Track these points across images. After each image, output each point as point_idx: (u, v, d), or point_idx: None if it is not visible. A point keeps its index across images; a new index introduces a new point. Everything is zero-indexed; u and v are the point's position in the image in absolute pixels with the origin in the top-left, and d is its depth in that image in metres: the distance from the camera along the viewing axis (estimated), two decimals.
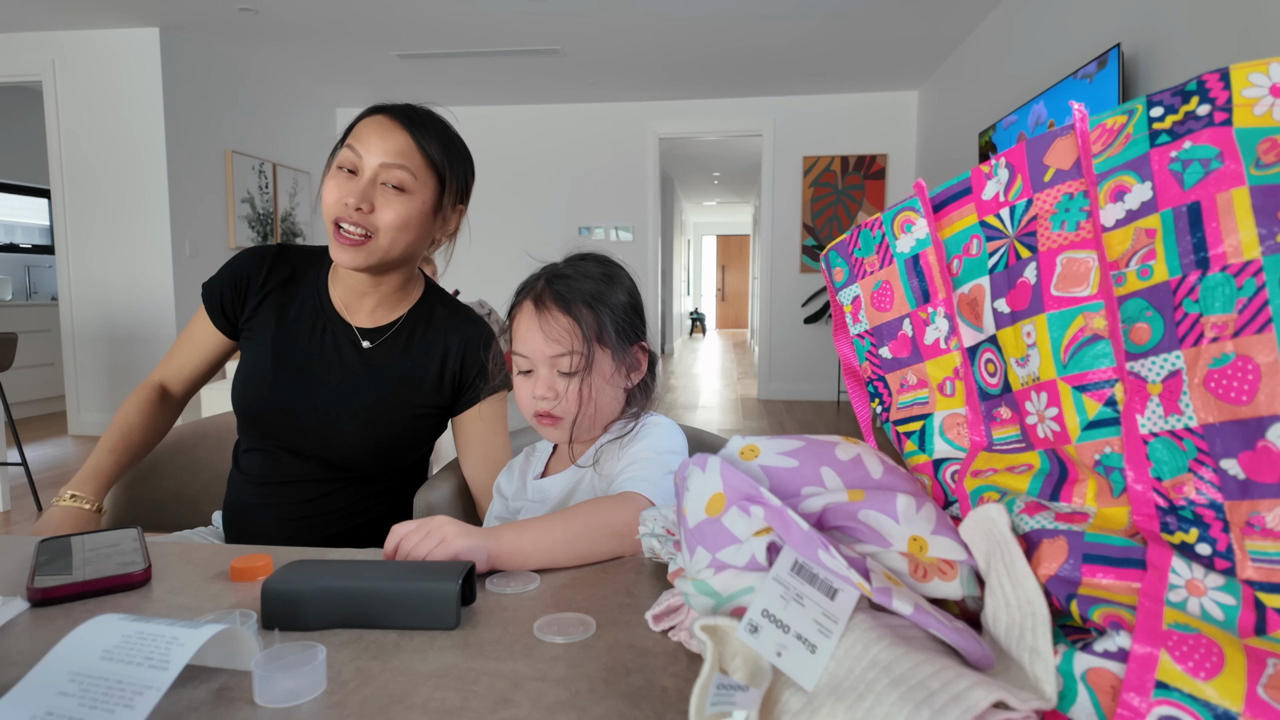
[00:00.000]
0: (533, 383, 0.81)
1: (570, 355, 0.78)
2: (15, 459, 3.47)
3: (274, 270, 1.01)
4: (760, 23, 4.01)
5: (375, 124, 0.91)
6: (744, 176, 9.33)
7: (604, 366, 0.80)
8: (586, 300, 0.80)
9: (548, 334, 0.79)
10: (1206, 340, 0.34)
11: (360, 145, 0.89)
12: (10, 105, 5.50)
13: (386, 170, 0.89)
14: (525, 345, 0.81)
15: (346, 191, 0.89)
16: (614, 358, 0.81)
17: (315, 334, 0.99)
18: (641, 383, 0.86)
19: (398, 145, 0.90)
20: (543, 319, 0.79)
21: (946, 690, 0.30)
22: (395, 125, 0.91)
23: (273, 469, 0.97)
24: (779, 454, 0.47)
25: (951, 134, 4.55)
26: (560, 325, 0.79)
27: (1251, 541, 0.32)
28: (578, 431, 0.82)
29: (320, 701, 0.40)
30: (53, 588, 0.54)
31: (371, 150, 0.89)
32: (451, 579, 0.49)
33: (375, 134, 0.90)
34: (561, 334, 0.78)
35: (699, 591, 0.41)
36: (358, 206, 0.88)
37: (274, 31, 4.16)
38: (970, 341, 0.46)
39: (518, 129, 5.79)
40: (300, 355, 0.98)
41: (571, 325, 0.78)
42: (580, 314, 0.79)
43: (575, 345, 0.78)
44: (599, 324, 0.79)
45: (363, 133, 0.91)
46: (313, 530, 0.97)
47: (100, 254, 4.27)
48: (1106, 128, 0.38)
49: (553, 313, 0.79)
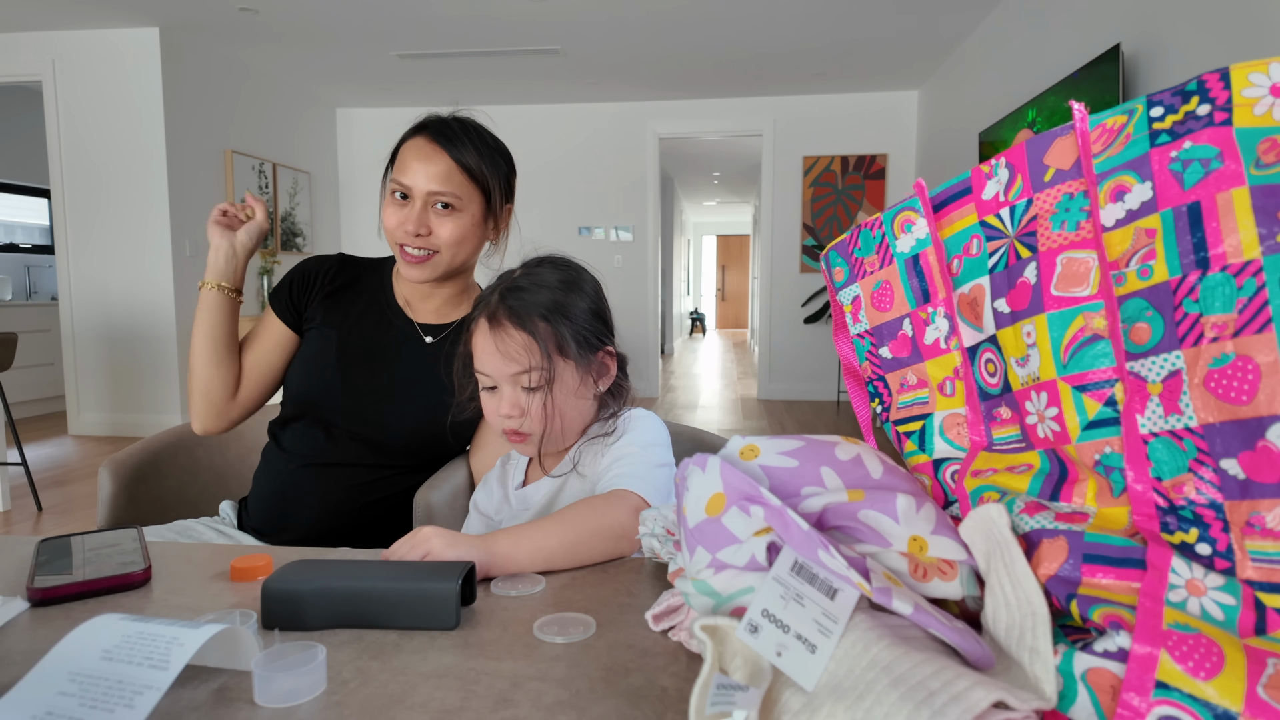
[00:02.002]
0: (497, 400, 0.79)
1: (529, 372, 0.76)
2: (15, 459, 3.47)
3: (339, 273, 1.08)
4: (760, 22, 4.01)
5: (416, 149, 0.97)
6: (744, 176, 9.33)
7: (568, 379, 0.78)
8: (543, 313, 0.77)
9: (504, 353, 0.76)
10: (1206, 340, 0.34)
11: (406, 175, 0.96)
12: (10, 105, 5.50)
13: (434, 195, 0.96)
14: (484, 364, 0.79)
15: (404, 218, 0.96)
16: (578, 369, 0.79)
17: (381, 326, 1.05)
18: (614, 385, 0.85)
19: (439, 169, 0.96)
20: (498, 337, 0.77)
21: (946, 690, 0.30)
22: (435, 148, 0.96)
23: (325, 449, 1.00)
24: (779, 454, 0.47)
25: (951, 134, 4.55)
26: (516, 343, 0.76)
27: (1251, 541, 0.32)
28: (547, 445, 0.80)
29: (320, 701, 0.40)
30: (53, 588, 0.54)
31: (416, 178, 0.95)
32: (451, 579, 0.49)
33: (418, 160, 0.96)
34: (518, 351, 0.76)
35: (699, 591, 0.41)
36: (416, 233, 0.96)
37: (274, 31, 4.16)
38: (970, 341, 0.46)
39: (518, 129, 5.79)
40: (366, 343, 1.04)
41: (528, 341, 0.76)
42: (536, 328, 0.76)
43: (534, 361, 0.76)
44: (558, 337, 0.77)
45: (406, 160, 0.97)
46: (352, 517, 1.00)
47: (100, 254, 4.27)
48: (1106, 128, 0.38)
49: (507, 330, 0.77)
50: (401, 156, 0.98)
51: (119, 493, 1.06)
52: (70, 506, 2.98)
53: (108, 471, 1.01)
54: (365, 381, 1.02)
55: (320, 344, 1.04)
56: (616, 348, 0.85)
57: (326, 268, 1.08)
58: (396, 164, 0.98)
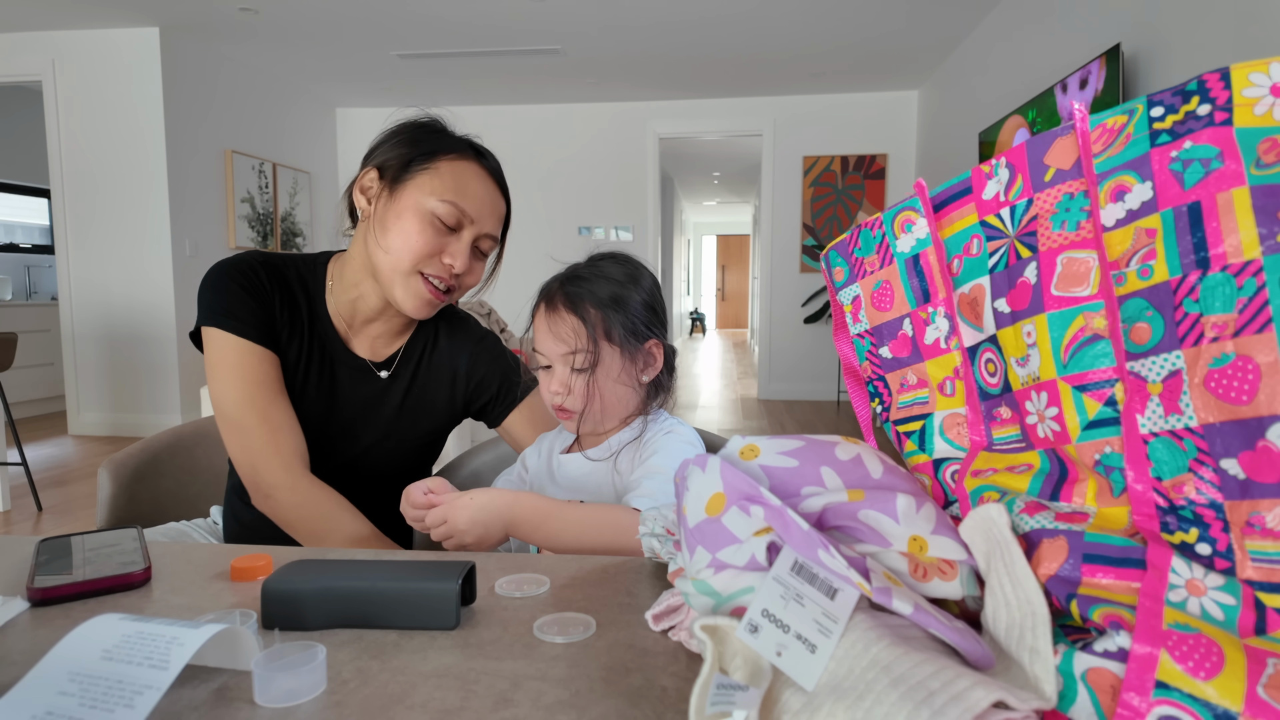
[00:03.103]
0: (549, 378, 0.84)
1: (576, 354, 0.81)
2: (15, 459, 3.47)
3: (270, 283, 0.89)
4: (760, 23, 4.01)
5: (483, 183, 0.88)
6: (744, 176, 9.33)
7: (611, 364, 0.83)
8: (596, 301, 0.82)
9: (555, 333, 0.82)
10: (1207, 340, 0.34)
11: (470, 206, 0.86)
12: (10, 105, 5.50)
13: (485, 240, 0.89)
14: (540, 343, 0.85)
15: (450, 251, 0.86)
16: (623, 355, 0.83)
17: (325, 371, 0.92)
18: (657, 379, 0.88)
19: (500, 212, 0.90)
20: (551, 319, 0.83)
21: (946, 690, 0.30)
22: (497, 189, 0.90)
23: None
24: (779, 454, 0.47)
25: (951, 134, 4.55)
26: (566, 325, 0.82)
27: (1251, 541, 0.32)
28: (586, 424, 0.85)
29: (320, 701, 0.40)
30: (53, 588, 0.54)
31: (482, 216, 0.87)
32: (451, 579, 0.49)
33: (486, 196, 0.87)
34: (567, 333, 0.82)
35: (699, 591, 0.41)
36: (459, 272, 0.87)
37: (274, 31, 4.16)
38: (970, 341, 0.46)
39: (518, 129, 5.79)
40: (316, 397, 0.91)
41: (577, 324, 0.81)
42: (587, 314, 0.82)
43: (580, 344, 0.81)
44: (606, 323, 0.82)
45: (472, 190, 0.86)
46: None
47: (100, 254, 4.27)
48: (1107, 127, 0.38)
49: (560, 313, 0.82)
50: (459, 179, 0.85)
51: (118, 493, 1.06)
52: (70, 506, 2.98)
53: (107, 472, 1.01)
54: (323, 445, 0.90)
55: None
56: (667, 341, 0.89)
57: (259, 278, 0.88)
58: (450, 184, 0.85)
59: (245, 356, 0.85)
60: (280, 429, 0.85)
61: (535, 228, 5.79)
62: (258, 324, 0.86)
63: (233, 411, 0.84)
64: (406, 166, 0.86)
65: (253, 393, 0.84)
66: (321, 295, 0.93)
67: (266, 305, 0.88)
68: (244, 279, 0.87)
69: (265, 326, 0.87)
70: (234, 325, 0.85)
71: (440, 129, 0.90)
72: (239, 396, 0.84)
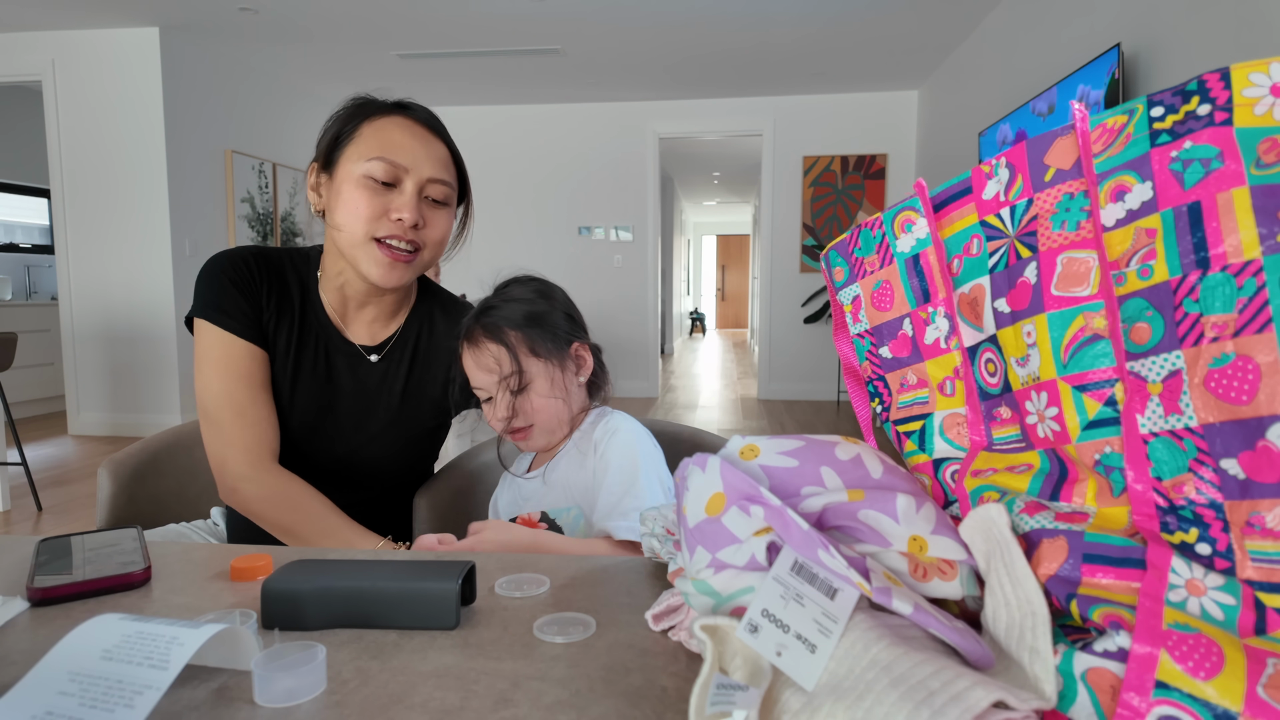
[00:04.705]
0: (493, 408, 0.88)
1: (508, 377, 0.86)
2: (15, 459, 3.47)
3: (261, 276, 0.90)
4: (760, 23, 4.01)
5: (405, 129, 0.85)
6: (744, 176, 9.33)
7: (541, 379, 0.87)
8: (512, 323, 0.87)
9: (482, 365, 0.87)
10: (1207, 340, 0.34)
11: (400, 156, 0.83)
12: (10, 105, 5.50)
13: (433, 185, 0.85)
14: (473, 379, 0.89)
15: (396, 206, 0.83)
16: (550, 366, 0.87)
17: (320, 360, 0.92)
18: (592, 378, 0.93)
19: (440, 156, 0.87)
20: (475, 353, 0.87)
21: (946, 690, 0.30)
22: (431, 135, 0.87)
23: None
24: (779, 454, 0.47)
25: (951, 134, 4.55)
26: (489, 354, 0.86)
27: (1251, 541, 0.32)
28: (539, 440, 0.90)
29: (320, 701, 0.40)
30: (52, 588, 0.54)
31: (417, 163, 0.84)
32: (451, 579, 0.49)
33: (416, 144, 0.84)
34: (492, 362, 0.86)
35: (699, 591, 0.41)
36: (414, 223, 0.83)
37: (274, 31, 4.16)
38: (970, 341, 0.46)
39: (518, 129, 5.79)
40: (311, 386, 0.91)
41: (499, 350, 0.86)
42: (505, 338, 0.86)
43: (507, 367, 0.86)
44: (528, 340, 0.86)
45: (393, 138, 0.84)
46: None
47: (100, 254, 4.27)
48: (1107, 127, 0.38)
49: (481, 344, 0.87)
50: (381, 135, 0.84)
51: (118, 493, 1.06)
52: (70, 506, 2.98)
53: (107, 471, 1.01)
54: (319, 434, 0.90)
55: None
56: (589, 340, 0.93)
57: (250, 271, 0.89)
58: (374, 142, 0.83)
59: (230, 351, 0.86)
60: (254, 424, 0.85)
61: (535, 228, 5.80)
62: (245, 320, 0.87)
63: (210, 405, 0.85)
64: (335, 145, 0.86)
65: (232, 388, 0.85)
66: (314, 285, 0.94)
67: (254, 298, 0.88)
68: (236, 273, 0.88)
69: (252, 322, 0.88)
70: (222, 320, 0.86)
71: (364, 100, 0.88)
72: (218, 390, 0.85)
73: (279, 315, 0.91)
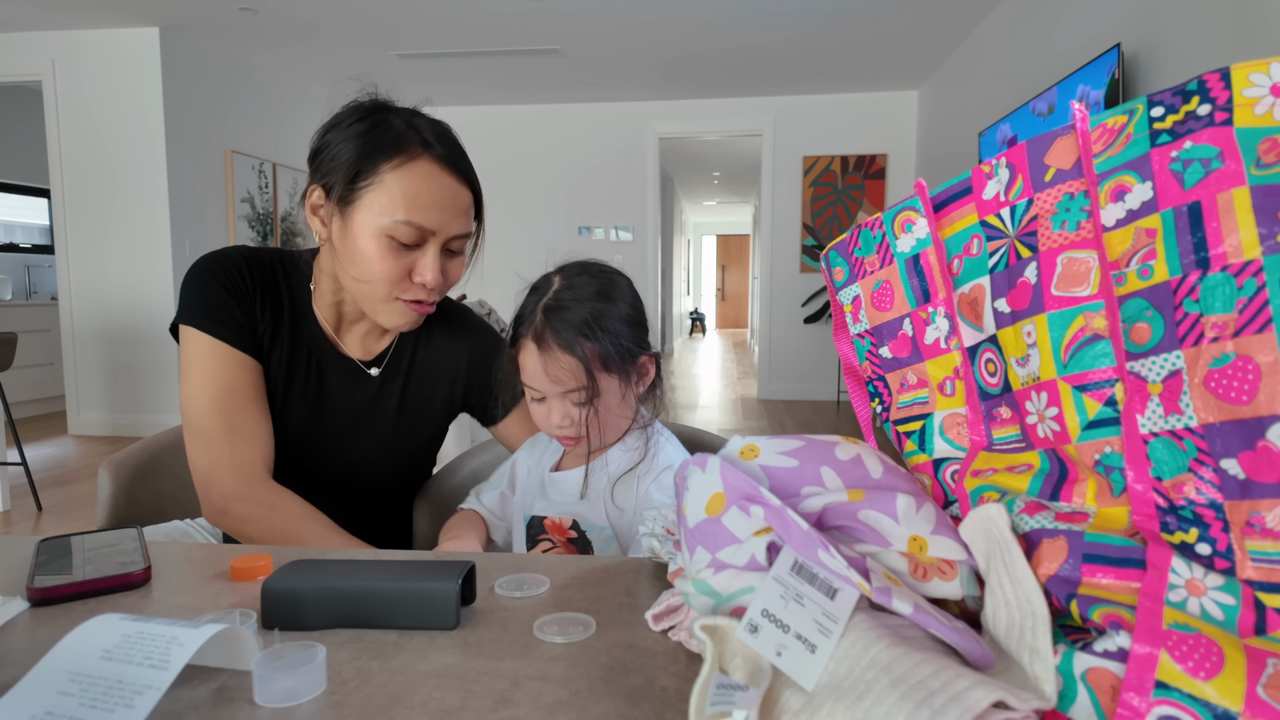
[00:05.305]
0: (547, 410, 0.81)
1: (576, 391, 0.79)
2: (15, 459, 3.47)
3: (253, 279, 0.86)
4: (760, 22, 4.01)
5: (437, 182, 0.78)
6: (744, 176, 9.33)
7: (611, 393, 0.81)
8: (585, 330, 0.78)
9: (552, 375, 0.78)
10: (1207, 340, 0.34)
11: (427, 219, 0.78)
12: (10, 105, 5.50)
13: (455, 241, 0.81)
14: (533, 381, 0.80)
15: (419, 269, 0.79)
16: (620, 381, 0.81)
17: (312, 376, 0.88)
18: (650, 387, 0.87)
19: (465, 206, 0.81)
20: (546, 359, 0.78)
21: (946, 690, 0.30)
22: (458, 182, 0.80)
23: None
24: (779, 454, 0.47)
25: (951, 134, 4.55)
26: (563, 365, 0.77)
27: (1251, 541, 0.32)
28: (588, 445, 0.83)
29: (320, 701, 0.40)
30: (52, 588, 0.54)
31: (444, 223, 0.79)
32: (451, 579, 0.49)
33: (444, 196, 0.78)
34: (565, 375, 0.77)
35: (699, 591, 0.41)
36: (433, 286, 0.80)
37: (274, 31, 4.16)
38: (970, 341, 0.46)
39: (518, 129, 5.80)
40: (302, 404, 0.88)
41: (573, 364, 0.77)
42: (582, 349, 0.77)
43: (580, 380, 0.78)
44: (602, 354, 0.78)
45: (425, 199, 0.77)
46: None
47: (100, 254, 4.27)
48: (1107, 127, 0.38)
49: (554, 353, 0.77)
50: (408, 189, 0.77)
51: (119, 493, 1.06)
52: (70, 506, 2.98)
53: (107, 471, 1.01)
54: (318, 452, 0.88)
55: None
56: (653, 349, 0.86)
57: (242, 275, 0.84)
58: (400, 197, 0.77)
59: (220, 361, 0.81)
60: (247, 440, 0.81)
61: (535, 228, 5.79)
62: (238, 327, 0.82)
63: (198, 418, 0.80)
64: (351, 184, 0.78)
65: (223, 400, 0.80)
66: (307, 294, 0.89)
67: (248, 306, 0.84)
68: (226, 277, 0.83)
69: (246, 330, 0.83)
70: (212, 327, 0.81)
71: (379, 120, 0.81)
72: (207, 403, 0.80)
73: (274, 326, 0.86)
